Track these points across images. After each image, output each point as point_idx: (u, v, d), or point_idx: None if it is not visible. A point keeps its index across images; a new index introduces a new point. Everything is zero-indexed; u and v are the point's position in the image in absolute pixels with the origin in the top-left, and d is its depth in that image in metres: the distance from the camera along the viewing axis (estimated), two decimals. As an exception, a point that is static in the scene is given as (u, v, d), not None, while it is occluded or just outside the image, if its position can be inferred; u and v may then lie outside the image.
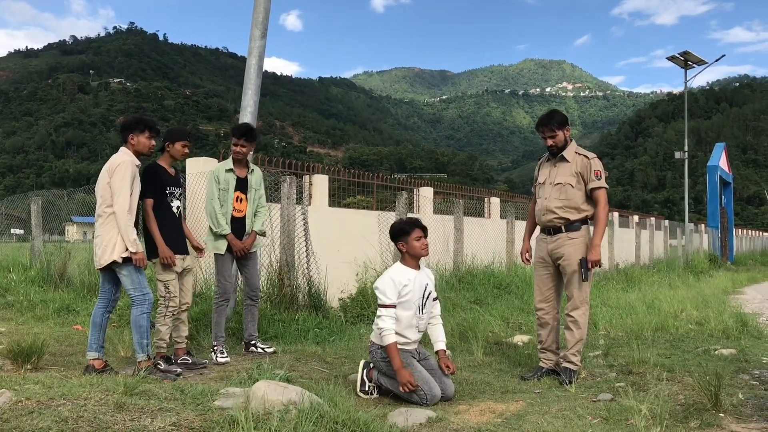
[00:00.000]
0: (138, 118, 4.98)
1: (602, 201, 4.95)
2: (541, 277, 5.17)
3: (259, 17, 7.21)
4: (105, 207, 4.71)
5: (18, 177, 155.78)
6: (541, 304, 5.17)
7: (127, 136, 4.90)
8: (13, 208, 17.50)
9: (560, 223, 4.99)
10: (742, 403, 4.23)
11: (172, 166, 5.42)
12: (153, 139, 4.96)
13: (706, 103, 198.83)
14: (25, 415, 3.05)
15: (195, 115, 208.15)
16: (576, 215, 4.96)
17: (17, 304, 8.58)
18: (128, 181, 4.69)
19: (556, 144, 5.02)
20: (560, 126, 5.04)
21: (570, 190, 4.96)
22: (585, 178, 4.96)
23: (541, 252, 5.15)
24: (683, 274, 16.64)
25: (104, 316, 4.95)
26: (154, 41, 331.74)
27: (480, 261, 11.82)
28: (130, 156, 4.83)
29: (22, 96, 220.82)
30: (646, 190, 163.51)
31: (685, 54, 27.75)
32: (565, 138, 5.05)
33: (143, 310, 4.75)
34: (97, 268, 4.84)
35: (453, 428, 3.66)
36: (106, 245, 4.68)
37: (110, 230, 4.69)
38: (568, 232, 4.98)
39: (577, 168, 4.96)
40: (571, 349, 4.92)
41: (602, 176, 4.97)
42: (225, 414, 3.21)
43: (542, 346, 5.17)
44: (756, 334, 7.08)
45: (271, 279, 7.46)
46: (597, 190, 4.95)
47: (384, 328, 4.34)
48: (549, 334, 5.13)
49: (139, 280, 4.75)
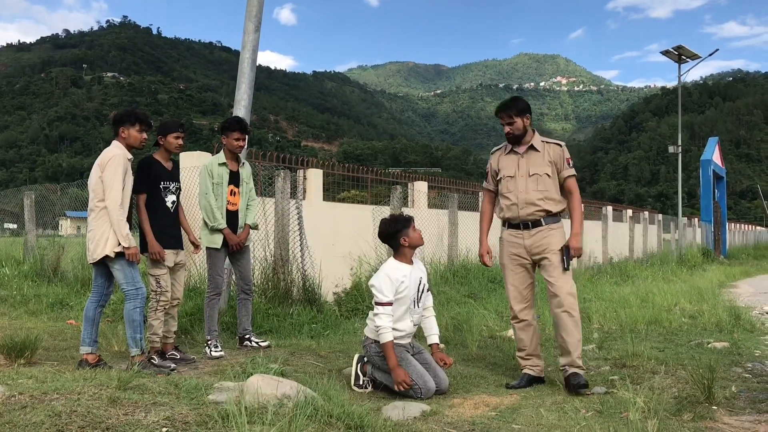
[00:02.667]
0: (129, 112, 4.95)
1: (576, 189, 4.73)
2: (517, 275, 4.77)
3: (253, 11, 7.18)
4: (97, 201, 4.70)
5: (11, 171, 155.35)
6: (520, 305, 4.76)
7: (118, 129, 4.87)
8: (6, 202, 17.42)
9: (540, 216, 4.66)
10: (735, 396, 4.25)
11: (170, 159, 5.39)
12: (144, 132, 4.93)
13: (699, 98, 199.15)
14: (19, 410, 3.04)
15: (189, 109, 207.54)
16: (554, 206, 4.68)
17: (10, 299, 8.54)
18: (120, 175, 4.67)
19: (513, 131, 4.71)
20: (520, 113, 4.69)
21: (547, 181, 4.67)
22: (558, 167, 4.70)
23: (515, 249, 4.76)
24: (677, 268, 16.70)
25: (96, 310, 4.94)
26: (147, 35, 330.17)
27: (474, 255, 11.82)
28: (121, 150, 4.80)
29: (15, 90, 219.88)
30: (640, 184, 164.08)
31: (679, 48, 27.77)
32: (524, 126, 4.71)
33: (136, 305, 4.74)
34: (90, 263, 4.83)
35: (447, 422, 3.67)
36: (98, 240, 4.67)
37: (102, 224, 4.67)
38: (549, 224, 4.67)
39: (550, 157, 4.68)
40: (575, 352, 4.50)
41: (571, 163, 4.76)
42: (219, 408, 3.20)
43: (527, 352, 4.75)
44: (749, 327, 7.11)
45: (266, 273, 7.45)
46: (570, 178, 4.71)
47: (381, 326, 4.31)
48: (532, 338, 4.73)
49: (132, 275, 4.74)
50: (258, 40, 7.22)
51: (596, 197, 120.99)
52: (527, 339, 4.73)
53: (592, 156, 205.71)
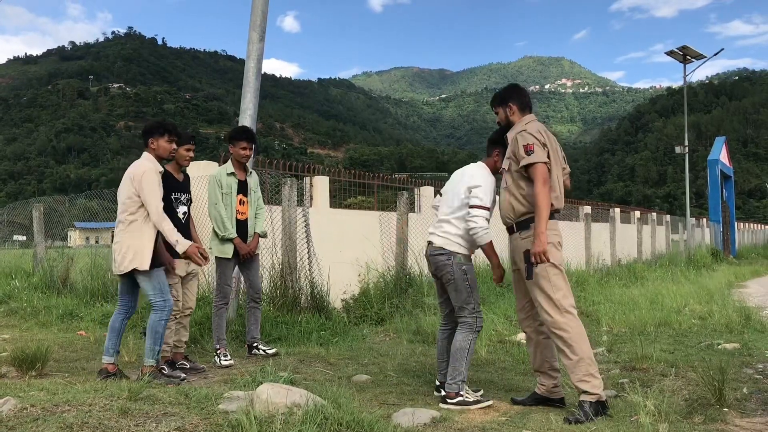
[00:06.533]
0: (158, 123, 4.97)
1: (538, 179, 3.92)
2: (515, 284, 4.41)
3: (257, 20, 7.22)
4: (127, 215, 4.69)
5: (19, 183, 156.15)
6: (520, 315, 4.41)
7: (147, 140, 4.89)
8: (15, 214, 17.51)
9: (511, 220, 4.20)
10: (747, 397, 4.23)
11: (180, 171, 5.41)
12: (173, 142, 4.95)
13: (705, 97, 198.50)
14: (30, 422, 3.05)
15: (195, 119, 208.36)
16: (517, 205, 4.12)
17: (21, 311, 8.58)
18: (157, 190, 4.68)
19: (499, 122, 4.36)
20: (500, 103, 4.30)
21: (508, 177, 4.17)
22: (517, 156, 4.06)
23: (511, 254, 4.38)
24: (685, 269, 16.62)
25: (123, 322, 4.93)
26: (152, 45, 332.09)
27: (483, 259, 11.79)
28: (152, 162, 4.81)
29: (22, 102, 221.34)
30: (647, 185, 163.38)
31: (684, 48, 27.72)
32: (507, 116, 4.26)
33: (162, 317, 4.71)
34: (116, 274, 4.83)
35: (457, 427, 3.66)
36: (125, 252, 4.64)
37: (129, 238, 4.66)
38: (519, 231, 4.15)
39: (511, 148, 4.14)
40: (574, 376, 3.92)
41: (536, 150, 3.96)
42: (229, 417, 3.21)
43: (533, 368, 4.36)
44: (759, 327, 7.08)
45: (274, 281, 7.46)
46: (530, 167, 3.98)
47: (483, 226, 4.22)
48: (536, 352, 4.28)
49: (160, 286, 4.71)
50: (263, 49, 7.25)
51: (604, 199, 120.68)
52: (531, 353, 4.35)
53: (599, 158, 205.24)
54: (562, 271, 4.06)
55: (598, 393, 3.86)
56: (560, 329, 3.94)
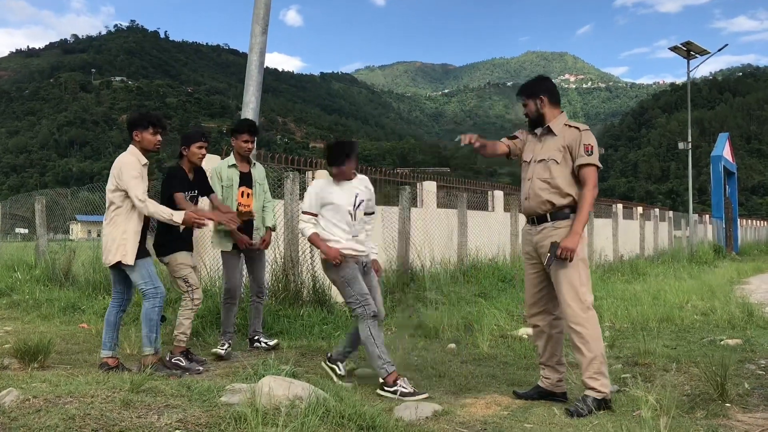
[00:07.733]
0: (141, 115, 4.97)
1: (590, 181, 4.03)
2: (528, 276, 4.33)
3: (260, 13, 7.21)
4: (113, 208, 4.75)
5: (22, 176, 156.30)
6: (531, 309, 4.33)
7: (132, 133, 4.90)
8: (17, 207, 17.53)
9: (545, 210, 4.13)
10: (749, 393, 4.23)
11: (192, 169, 5.40)
12: (158, 134, 4.94)
13: (709, 93, 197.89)
14: (33, 413, 3.06)
15: (197, 113, 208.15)
16: (558, 198, 4.08)
17: (23, 303, 8.60)
18: (137, 178, 4.69)
19: (527, 114, 4.30)
20: (530, 96, 4.27)
21: (554, 168, 4.10)
22: (573, 153, 4.09)
23: (527, 246, 4.30)
24: (688, 265, 16.62)
25: (117, 315, 4.97)
26: (155, 39, 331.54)
27: (484, 254, 11.81)
28: (135, 155, 4.82)
29: (25, 95, 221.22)
30: (650, 181, 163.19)
31: (688, 44, 27.64)
32: (537, 109, 4.24)
33: (155, 304, 4.75)
34: (106, 266, 4.87)
35: (459, 421, 3.67)
36: (109, 246, 4.73)
37: (113, 231, 4.71)
38: (554, 220, 4.10)
39: (565, 141, 4.11)
40: (585, 372, 3.96)
41: (594, 152, 4.07)
42: (231, 410, 3.21)
43: (541, 361, 4.33)
44: (762, 323, 7.07)
45: (276, 275, 7.47)
46: (585, 167, 4.05)
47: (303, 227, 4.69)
48: (546, 345, 4.27)
49: (149, 274, 4.75)
50: (265, 42, 7.24)
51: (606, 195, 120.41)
52: (541, 346, 4.32)
53: (602, 153, 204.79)
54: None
55: (605, 392, 3.91)
56: (580, 325, 3.96)
